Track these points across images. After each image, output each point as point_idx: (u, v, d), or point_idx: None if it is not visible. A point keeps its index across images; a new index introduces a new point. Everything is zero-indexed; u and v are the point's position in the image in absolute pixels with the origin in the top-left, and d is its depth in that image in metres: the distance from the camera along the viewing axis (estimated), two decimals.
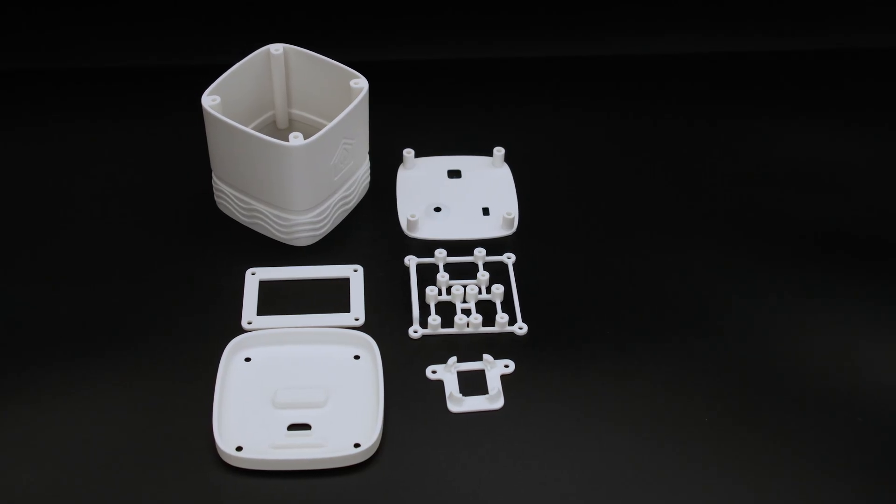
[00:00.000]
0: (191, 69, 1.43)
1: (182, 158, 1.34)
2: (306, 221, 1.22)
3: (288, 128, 1.32)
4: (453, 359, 1.12)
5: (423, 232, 1.26)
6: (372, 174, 1.31)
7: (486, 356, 1.13)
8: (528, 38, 1.56)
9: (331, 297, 1.19)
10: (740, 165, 1.37)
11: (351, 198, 1.27)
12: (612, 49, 1.56)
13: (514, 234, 1.27)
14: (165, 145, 1.38)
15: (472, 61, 1.53)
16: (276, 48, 1.26)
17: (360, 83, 1.22)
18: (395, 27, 1.55)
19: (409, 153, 1.34)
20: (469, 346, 1.15)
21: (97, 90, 1.47)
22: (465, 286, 1.19)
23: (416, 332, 1.16)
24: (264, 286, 1.20)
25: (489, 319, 1.17)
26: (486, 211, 1.29)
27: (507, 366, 1.13)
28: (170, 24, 1.53)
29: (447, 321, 1.17)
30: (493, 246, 1.25)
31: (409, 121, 1.42)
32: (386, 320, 1.17)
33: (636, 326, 1.17)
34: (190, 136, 1.32)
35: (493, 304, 1.19)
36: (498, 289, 1.19)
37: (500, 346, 1.15)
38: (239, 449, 1.03)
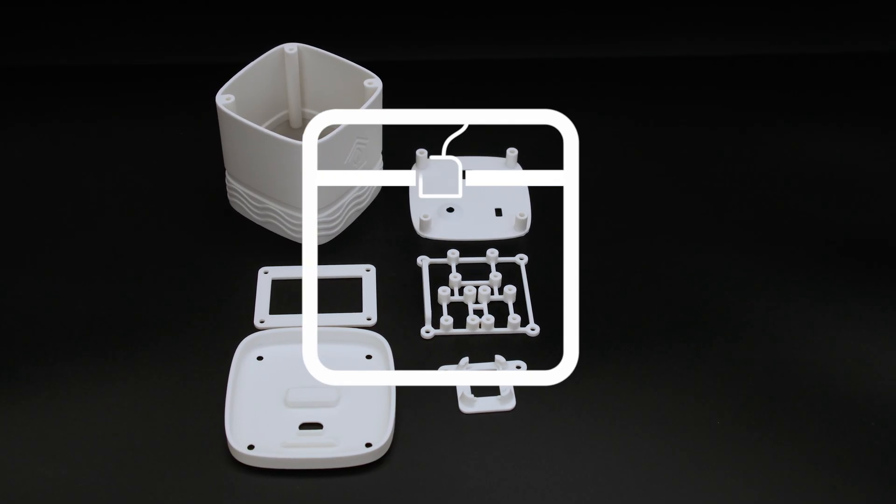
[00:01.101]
0: (204, 68, 1.43)
1: (195, 157, 1.35)
2: (319, 221, 1.22)
3: (301, 127, 1.32)
4: (465, 359, 1.12)
5: (436, 232, 1.26)
6: None
7: (498, 357, 1.13)
8: (545, 39, 1.56)
9: (343, 297, 1.19)
10: (756, 169, 1.37)
11: (364, 197, 1.28)
12: (628, 51, 1.56)
13: (527, 235, 1.27)
14: (178, 144, 1.38)
15: (486, 62, 1.53)
16: (291, 47, 1.26)
17: (374, 83, 1.22)
18: (409, 27, 1.55)
19: (422, 153, 1.34)
20: (481, 347, 1.15)
21: (110, 88, 1.47)
22: (477, 287, 1.19)
23: (428, 332, 1.16)
24: (277, 285, 1.20)
25: (501, 320, 1.17)
26: (498, 212, 1.29)
27: (518, 366, 1.13)
28: (183, 23, 1.53)
29: (459, 322, 1.17)
30: (506, 247, 1.25)
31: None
32: (398, 320, 1.17)
33: (649, 329, 1.17)
34: (203, 135, 1.32)
35: (506, 305, 1.19)
36: (510, 290, 1.19)
37: (512, 346, 1.15)
38: (251, 447, 1.03)
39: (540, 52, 1.55)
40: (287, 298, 1.18)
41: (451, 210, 1.29)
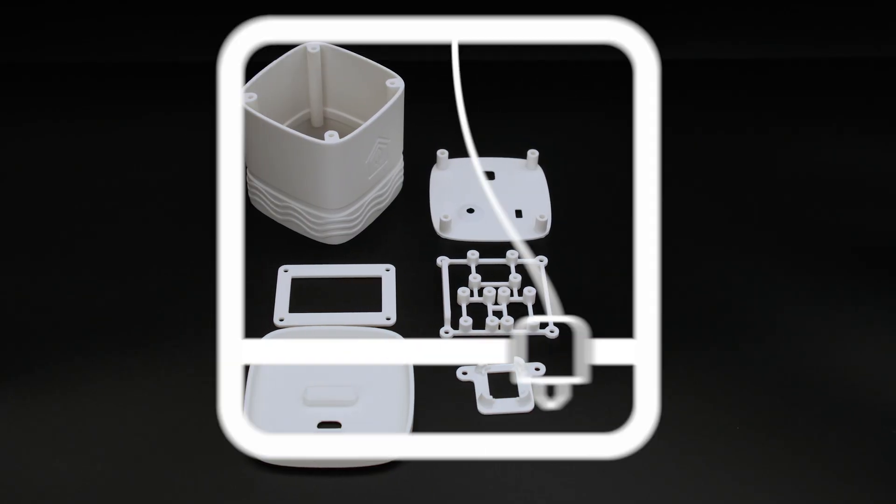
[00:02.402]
0: None
1: (216, 155, 1.35)
2: (339, 220, 1.22)
3: (323, 126, 1.32)
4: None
5: (456, 233, 1.26)
6: (405, 174, 1.31)
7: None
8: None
9: (362, 296, 1.19)
10: (777, 174, 1.36)
11: (384, 197, 1.28)
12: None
13: (547, 236, 1.27)
14: (199, 141, 1.38)
15: (507, 63, 1.53)
16: (313, 46, 1.26)
17: (396, 83, 1.22)
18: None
19: (443, 154, 1.34)
20: None
21: (132, 86, 1.48)
22: (496, 288, 1.19)
23: (447, 332, 1.16)
24: (297, 284, 1.20)
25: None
26: (518, 213, 1.29)
27: (537, 368, 1.12)
28: (206, 21, 1.53)
29: (478, 322, 1.17)
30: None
31: (443, 121, 1.41)
32: (417, 320, 1.17)
33: (668, 332, 1.16)
34: None
35: (525, 307, 1.18)
36: (530, 291, 1.18)
37: (531, 348, 1.14)
38: None
39: (564, 54, 1.55)
40: (307, 297, 1.19)
41: (471, 211, 1.29)
